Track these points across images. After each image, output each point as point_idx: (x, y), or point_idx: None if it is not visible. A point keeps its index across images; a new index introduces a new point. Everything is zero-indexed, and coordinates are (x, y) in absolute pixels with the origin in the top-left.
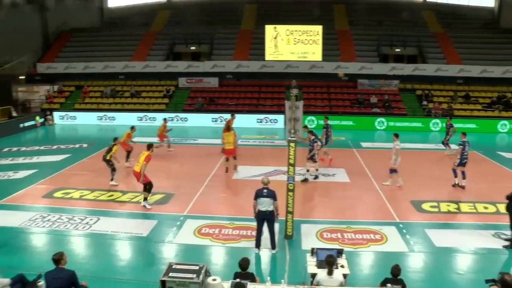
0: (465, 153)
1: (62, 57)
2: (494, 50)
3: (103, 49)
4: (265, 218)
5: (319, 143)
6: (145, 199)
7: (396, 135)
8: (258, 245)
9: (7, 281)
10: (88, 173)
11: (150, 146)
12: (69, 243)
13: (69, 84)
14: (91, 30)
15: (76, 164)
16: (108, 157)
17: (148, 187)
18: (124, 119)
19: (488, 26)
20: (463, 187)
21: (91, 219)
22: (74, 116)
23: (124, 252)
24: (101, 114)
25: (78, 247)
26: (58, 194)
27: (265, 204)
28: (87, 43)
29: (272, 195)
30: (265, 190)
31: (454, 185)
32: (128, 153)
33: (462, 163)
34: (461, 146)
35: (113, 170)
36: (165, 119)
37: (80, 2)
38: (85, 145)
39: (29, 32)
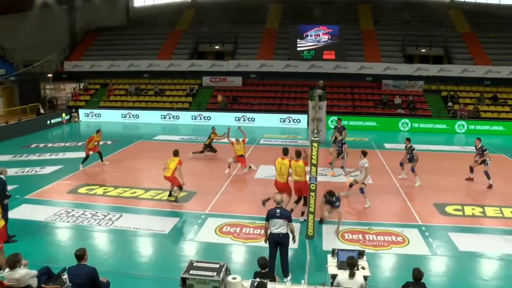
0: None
1: (88, 56)
2: None
3: (128, 47)
4: (278, 241)
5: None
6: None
7: (363, 153)
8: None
9: (34, 272)
10: (112, 170)
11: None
12: (92, 238)
13: (95, 82)
14: (117, 29)
15: (100, 161)
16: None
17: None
18: (148, 117)
19: None
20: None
21: (113, 215)
22: (99, 114)
23: (145, 248)
24: (125, 112)
25: (101, 242)
26: (82, 190)
27: (278, 226)
28: (112, 42)
29: (286, 215)
30: (278, 210)
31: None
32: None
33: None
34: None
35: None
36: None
37: (107, 2)
38: (109, 142)
39: (58, 31)
